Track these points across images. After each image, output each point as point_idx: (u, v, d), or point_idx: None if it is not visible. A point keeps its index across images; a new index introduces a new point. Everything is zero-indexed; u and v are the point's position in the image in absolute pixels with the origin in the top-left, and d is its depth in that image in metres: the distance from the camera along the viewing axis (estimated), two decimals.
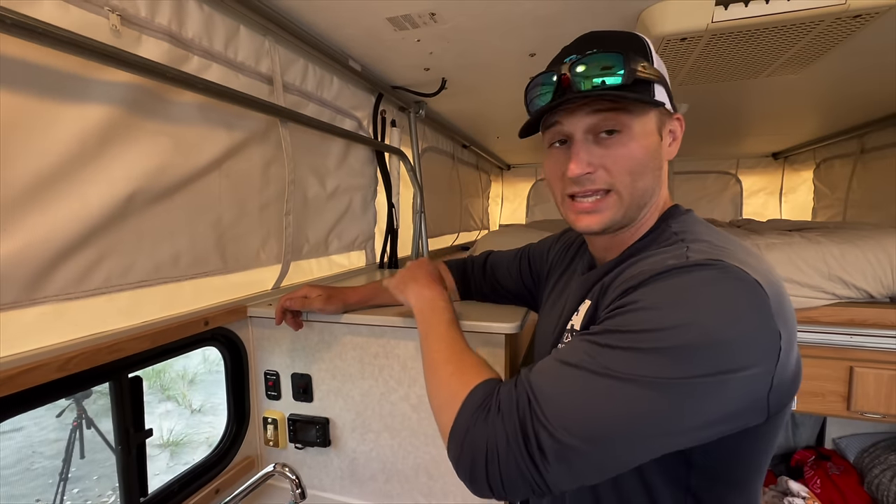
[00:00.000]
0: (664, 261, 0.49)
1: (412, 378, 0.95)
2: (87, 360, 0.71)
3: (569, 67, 0.54)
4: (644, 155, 0.55)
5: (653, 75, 0.54)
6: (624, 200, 0.56)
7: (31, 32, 0.60)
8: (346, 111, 1.50)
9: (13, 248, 0.64)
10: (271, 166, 1.16)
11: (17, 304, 0.66)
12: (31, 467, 3.72)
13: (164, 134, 0.87)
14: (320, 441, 1.03)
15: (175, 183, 0.89)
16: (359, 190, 1.63)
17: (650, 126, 0.55)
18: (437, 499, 0.97)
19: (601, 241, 0.64)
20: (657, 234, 0.59)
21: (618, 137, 0.54)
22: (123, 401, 0.81)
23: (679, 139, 0.59)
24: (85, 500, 3.47)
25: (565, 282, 0.75)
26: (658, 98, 0.55)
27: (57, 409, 3.68)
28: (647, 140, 0.55)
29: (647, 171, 0.56)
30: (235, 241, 1.06)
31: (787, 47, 1.20)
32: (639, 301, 0.47)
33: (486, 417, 0.48)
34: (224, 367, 1.05)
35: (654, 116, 0.56)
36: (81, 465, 3.53)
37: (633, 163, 0.55)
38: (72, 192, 0.72)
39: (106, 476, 3.65)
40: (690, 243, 0.51)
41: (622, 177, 0.55)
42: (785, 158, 3.60)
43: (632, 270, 0.52)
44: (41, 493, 3.46)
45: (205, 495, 0.94)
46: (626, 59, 0.52)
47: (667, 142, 0.58)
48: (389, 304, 1.00)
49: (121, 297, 0.81)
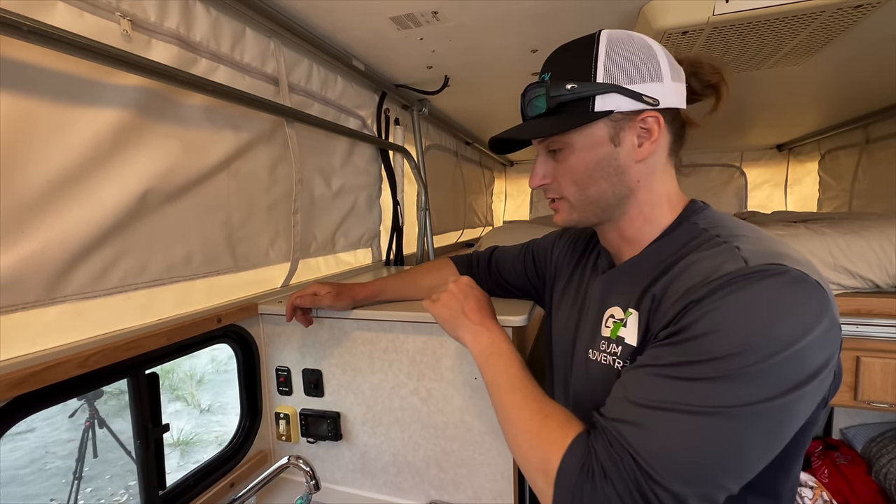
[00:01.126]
0: (720, 266, 0.48)
1: (421, 372, 0.97)
2: (107, 356, 0.73)
3: (522, 94, 0.62)
4: (587, 166, 0.59)
5: (594, 87, 0.56)
6: (575, 206, 0.62)
7: (47, 39, 0.61)
8: (350, 110, 1.52)
9: (33, 249, 0.66)
10: (278, 166, 1.18)
11: (38, 303, 0.68)
12: (44, 467, 3.78)
13: (174, 136, 0.88)
14: (332, 435, 1.04)
15: (185, 184, 0.91)
16: (364, 188, 1.64)
17: (595, 137, 0.58)
18: (448, 491, 0.98)
19: (607, 235, 0.65)
20: (684, 232, 0.58)
21: (560, 154, 0.60)
22: (141, 397, 0.83)
23: (656, 134, 0.57)
24: (98, 500, 3.52)
25: (580, 278, 0.74)
26: (604, 107, 0.56)
27: (69, 410, 3.74)
28: (590, 152, 0.58)
29: (594, 179, 0.59)
30: (245, 240, 1.08)
31: (789, 38, 1.20)
32: (710, 320, 0.45)
33: (594, 485, 0.46)
34: (236, 364, 1.07)
35: (603, 126, 0.57)
36: (94, 465, 3.58)
37: (576, 175, 0.60)
38: (87, 193, 0.74)
39: (118, 475, 3.70)
40: (737, 242, 0.51)
41: (568, 187, 0.61)
42: (789, 150, 3.58)
43: (685, 280, 0.50)
44: (55, 492, 3.51)
45: (220, 489, 0.96)
46: (547, 90, 0.58)
47: (630, 143, 0.58)
48: (397, 299, 1.02)
49: (137, 296, 0.83)
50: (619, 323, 0.59)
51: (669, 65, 0.58)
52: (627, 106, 0.56)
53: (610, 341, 0.60)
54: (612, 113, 0.56)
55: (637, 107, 0.56)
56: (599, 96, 0.56)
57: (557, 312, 0.78)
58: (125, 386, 3.05)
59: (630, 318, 0.57)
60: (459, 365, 0.94)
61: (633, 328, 0.57)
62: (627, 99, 0.56)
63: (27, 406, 0.65)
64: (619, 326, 0.59)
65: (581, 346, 0.66)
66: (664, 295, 0.52)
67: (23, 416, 0.65)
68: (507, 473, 0.93)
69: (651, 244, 0.60)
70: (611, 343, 0.59)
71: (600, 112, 0.56)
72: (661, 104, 0.56)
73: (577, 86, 0.56)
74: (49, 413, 4.32)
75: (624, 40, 0.57)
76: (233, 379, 5.54)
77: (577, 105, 0.57)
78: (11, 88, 0.63)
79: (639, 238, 0.62)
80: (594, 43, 0.57)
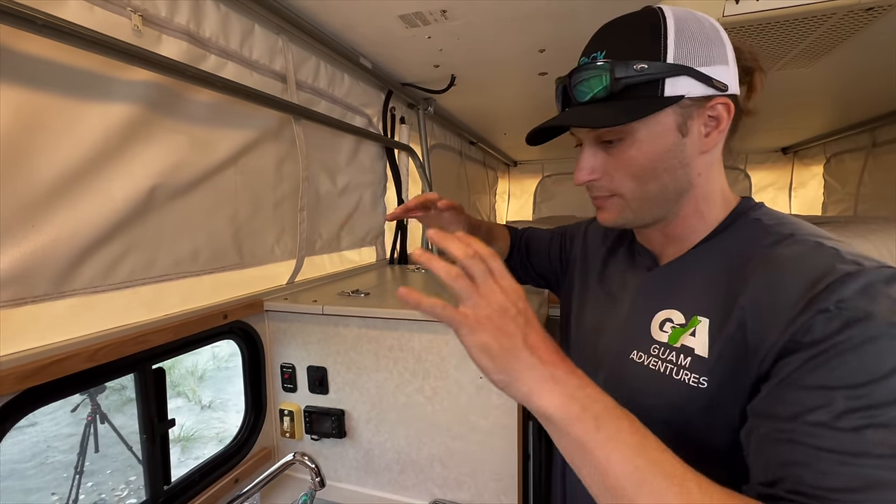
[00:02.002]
0: (832, 267, 0.42)
1: (426, 370, 0.97)
2: (115, 351, 0.74)
3: (569, 77, 0.54)
4: (650, 159, 0.52)
5: (663, 67, 0.50)
6: (630, 203, 0.55)
7: (60, 33, 0.62)
8: (356, 108, 1.52)
9: (43, 243, 0.67)
10: (285, 163, 1.18)
11: (48, 296, 0.68)
12: (46, 461, 3.79)
13: (182, 132, 0.89)
14: (336, 432, 1.04)
15: (192, 179, 0.91)
16: (369, 186, 1.64)
17: (662, 126, 0.51)
18: (451, 489, 0.98)
19: (650, 233, 0.60)
20: (745, 229, 0.54)
21: (618, 145, 0.53)
22: (148, 391, 0.83)
23: (724, 123, 0.52)
24: (99, 494, 3.54)
25: (613, 273, 0.69)
26: (674, 92, 0.50)
27: (71, 405, 3.75)
28: (655, 143, 0.52)
29: (657, 173, 0.53)
30: (251, 236, 1.08)
31: (798, 40, 1.20)
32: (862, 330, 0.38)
33: None
34: (241, 360, 1.08)
35: (671, 113, 0.51)
36: (95, 460, 3.59)
37: (636, 168, 0.53)
38: (97, 188, 0.74)
39: (118, 470, 3.72)
40: (822, 240, 0.47)
41: (625, 182, 0.54)
42: (794, 153, 3.57)
43: (786, 285, 0.44)
44: (56, 486, 3.53)
45: (224, 484, 0.96)
46: (610, 70, 0.50)
47: (697, 133, 0.53)
48: None
49: (144, 291, 0.83)
50: (680, 329, 0.53)
51: (729, 45, 0.52)
52: (699, 91, 0.50)
53: (669, 348, 0.53)
54: (683, 99, 0.50)
55: (708, 92, 0.51)
56: (670, 79, 0.50)
57: (583, 307, 0.73)
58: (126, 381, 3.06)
59: (698, 326, 0.51)
60: (465, 364, 0.94)
61: (703, 337, 0.50)
62: (699, 83, 0.50)
63: (36, 399, 0.66)
64: (682, 333, 0.52)
65: (617, 346, 0.61)
66: (758, 303, 0.46)
67: (31, 409, 0.65)
68: (512, 472, 0.93)
69: (704, 241, 0.56)
70: (670, 350, 0.53)
71: (670, 97, 0.50)
72: (729, 89, 0.52)
73: (646, 66, 0.50)
74: (51, 407, 4.34)
75: (689, 17, 0.52)
76: (234, 375, 5.56)
77: (643, 89, 0.50)
78: (23, 82, 0.63)
79: (686, 235, 0.57)
80: (659, 18, 0.51)
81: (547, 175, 4.28)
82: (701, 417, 0.49)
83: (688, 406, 0.50)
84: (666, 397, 0.52)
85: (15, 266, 0.63)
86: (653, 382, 0.53)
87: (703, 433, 0.49)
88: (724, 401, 0.47)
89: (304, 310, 1.04)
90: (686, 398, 0.50)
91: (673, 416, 0.51)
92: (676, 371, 0.51)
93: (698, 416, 0.49)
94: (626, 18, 0.54)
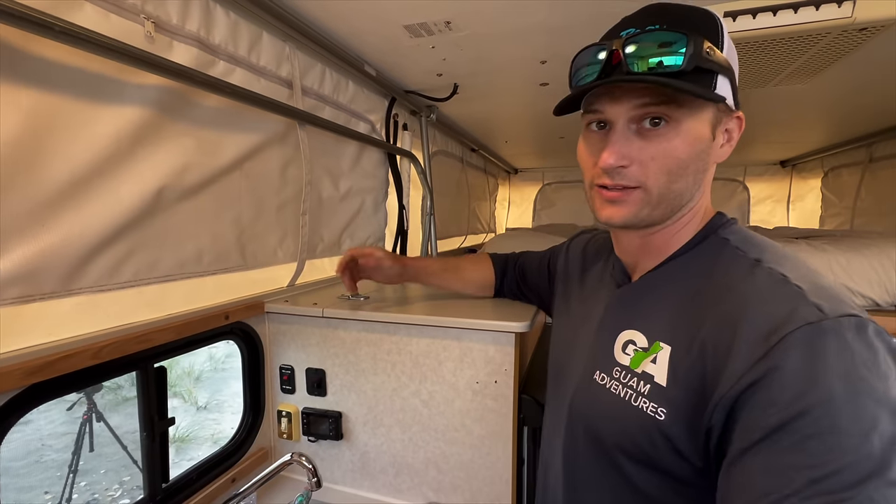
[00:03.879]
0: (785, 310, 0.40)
1: (423, 374, 0.98)
2: (118, 349, 0.75)
3: (622, 43, 0.47)
4: (688, 154, 0.48)
5: (719, 63, 0.47)
6: (652, 199, 0.50)
7: (76, 39, 0.64)
8: (360, 114, 1.54)
9: (52, 242, 0.68)
10: (289, 168, 1.20)
11: (55, 294, 0.70)
12: (40, 459, 3.78)
13: (190, 135, 0.90)
14: (333, 434, 1.06)
15: (198, 182, 0.93)
16: (370, 192, 1.66)
17: (703, 123, 0.48)
18: (446, 493, 0.99)
19: (630, 242, 0.58)
20: (712, 248, 0.52)
21: (662, 130, 0.48)
22: (149, 389, 0.84)
23: (734, 140, 0.52)
24: (93, 494, 3.52)
25: (588, 287, 0.69)
26: (720, 91, 0.48)
27: (67, 403, 3.74)
28: (695, 138, 0.48)
29: (687, 172, 0.49)
30: (254, 239, 1.09)
31: (794, 58, 1.22)
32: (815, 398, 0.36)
33: None
34: (241, 361, 1.09)
35: (711, 112, 0.49)
36: (89, 459, 3.57)
37: (673, 162, 0.48)
38: (106, 189, 0.75)
39: (113, 470, 3.70)
40: (784, 270, 0.44)
41: (658, 175, 0.49)
42: (793, 166, 3.60)
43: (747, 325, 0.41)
44: (49, 485, 3.51)
45: (221, 484, 0.97)
46: (690, 39, 0.45)
47: (719, 142, 0.51)
48: (439, 285, 1.06)
49: (148, 291, 0.85)
50: (642, 353, 0.51)
51: None
52: (730, 100, 0.49)
53: (630, 372, 0.51)
54: (724, 101, 0.48)
55: (733, 103, 0.50)
56: (721, 77, 0.47)
57: (560, 320, 0.74)
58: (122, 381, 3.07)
59: (660, 353, 0.49)
60: (461, 369, 0.95)
61: (663, 365, 0.48)
62: (732, 92, 0.49)
63: (41, 395, 0.67)
64: (643, 357, 0.50)
65: (583, 364, 0.60)
66: (715, 342, 0.43)
67: (37, 405, 0.66)
68: (506, 477, 0.94)
69: (673, 257, 0.54)
70: (631, 375, 0.51)
71: (718, 95, 0.47)
72: (739, 108, 0.51)
73: (715, 51, 0.46)
74: (46, 406, 4.32)
75: None
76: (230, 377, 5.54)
77: (703, 77, 0.47)
78: (39, 85, 0.65)
79: (663, 248, 0.55)
80: (714, 15, 0.49)
81: (547, 183, 4.31)
82: (657, 448, 0.47)
83: (644, 435, 0.48)
84: (622, 424, 0.50)
85: (24, 264, 0.65)
86: (612, 407, 0.52)
87: (661, 462, 0.47)
88: (680, 433, 0.45)
89: (305, 312, 1.06)
90: (642, 427, 0.48)
91: (628, 443, 0.50)
92: (635, 398, 0.49)
93: (654, 447, 0.47)
94: (678, 6, 0.49)
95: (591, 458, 0.55)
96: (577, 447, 0.57)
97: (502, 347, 0.92)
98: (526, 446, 0.97)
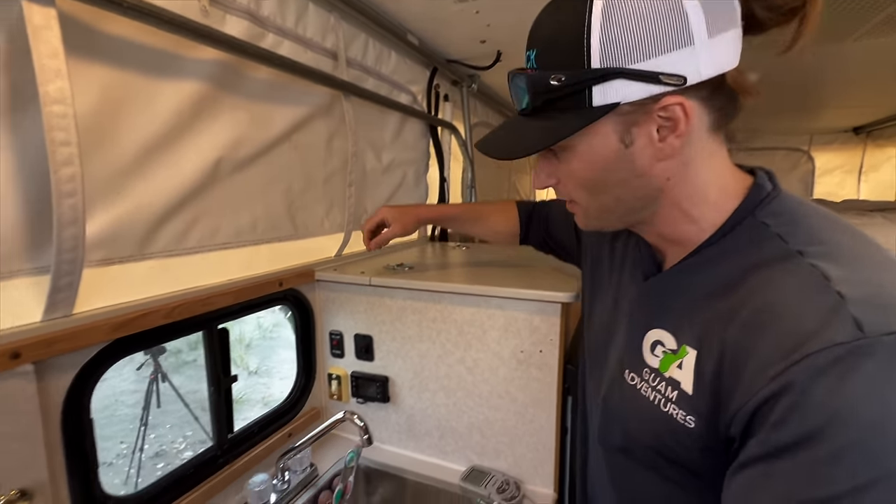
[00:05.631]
0: (816, 322, 0.35)
1: (468, 342, 1.00)
2: (187, 309, 0.81)
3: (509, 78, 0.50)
4: (593, 172, 0.47)
5: (581, 81, 0.42)
6: (590, 212, 0.52)
7: (142, 14, 0.66)
8: (402, 86, 1.53)
9: (127, 209, 0.73)
10: (334, 140, 1.22)
11: (132, 258, 0.75)
12: (115, 413, 4.20)
13: (242, 108, 0.93)
14: (380, 397, 1.10)
15: (251, 154, 0.96)
16: (412, 163, 1.67)
17: (601, 137, 0.44)
18: (489, 457, 1.02)
19: (646, 231, 0.54)
20: (747, 235, 0.45)
21: (563, 156, 0.48)
22: (214, 348, 0.91)
23: (683, 125, 0.42)
24: (160, 445, 3.90)
25: (618, 265, 0.63)
26: (604, 100, 0.42)
27: (136, 364, 4.11)
28: (595, 155, 0.46)
29: (608, 186, 0.47)
30: (303, 209, 1.13)
31: (883, 6, 1.10)
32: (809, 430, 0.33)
33: None
34: (293, 326, 1.15)
35: (608, 123, 0.44)
36: (157, 415, 3.92)
37: (581, 181, 0.49)
38: (170, 160, 0.80)
39: (177, 426, 4.06)
40: (826, 266, 0.38)
41: (578, 192, 0.50)
42: (868, 133, 3.28)
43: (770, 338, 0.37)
44: (124, 436, 3.90)
45: (279, 438, 1.04)
46: (529, 84, 0.45)
47: (647, 140, 0.44)
48: (461, 231, 1.09)
49: (210, 257, 0.90)
50: (671, 356, 0.48)
51: (705, 11, 0.40)
52: (637, 94, 0.41)
53: (659, 376, 0.48)
54: (619, 105, 0.42)
55: (652, 91, 0.41)
56: (598, 86, 0.42)
57: (593, 305, 0.69)
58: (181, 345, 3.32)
59: (686, 358, 0.46)
60: (506, 338, 0.96)
61: (689, 371, 0.45)
62: (637, 84, 0.41)
63: (124, 349, 0.74)
64: (672, 361, 0.47)
65: (615, 359, 0.57)
66: (737, 347, 0.40)
67: (121, 357, 0.73)
68: (549, 445, 0.96)
69: (704, 247, 0.48)
70: (660, 379, 0.48)
71: (601, 107, 0.42)
72: (689, 80, 0.41)
73: (564, 77, 0.42)
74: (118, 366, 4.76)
75: None
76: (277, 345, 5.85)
77: (569, 101, 0.43)
78: (110, 61, 0.69)
79: (683, 239, 0.49)
80: (585, 5, 0.41)
81: None
82: (690, 451, 0.45)
83: (676, 441, 0.46)
84: (653, 428, 0.49)
85: (105, 229, 0.70)
86: (643, 410, 0.50)
87: (694, 464, 0.46)
88: (710, 440, 0.43)
89: (353, 280, 1.10)
90: (673, 433, 0.46)
91: (661, 446, 0.48)
92: (664, 403, 0.47)
93: (687, 451, 0.45)
94: (546, 19, 0.46)
95: (628, 454, 0.54)
96: (613, 440, 0.57)
97: (548, 318, 0.92)
98: (570, 416, 0.97)
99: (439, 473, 1.04)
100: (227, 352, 0.93)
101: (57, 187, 0.59)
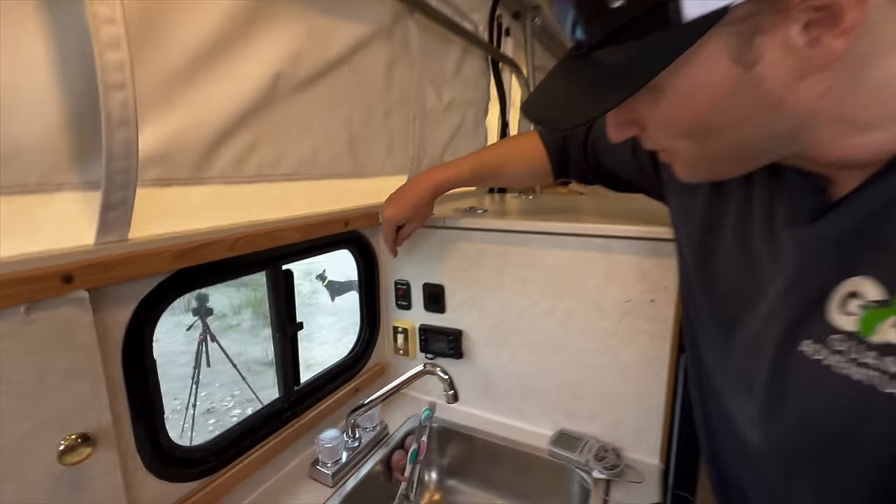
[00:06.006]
0: None
1: (559, 291, 0.86)
2: (251, 243, 0.71)
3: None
4: (695, 114, 0.34)
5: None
6: (699, 163, 0.40)
7: None
8: (463, 12, 1.37)
9: (181, 125, 0.63)
10: (394, 69, 1.08)
11: (189, 180, 0.65)
12: (167, 371, 4.39)
13: (300, 19, 0.81)
14: (452, 353, 1.00)
15: (311, 74, 0.84)
16: (472, 105, 1.51)
17: (701, 64, 0.32)
18: (581, 420, 0.90)
19: (801, 162, 0.39)
20: None
21: (648, 96, 0.35)
22: (279, 291, 0.81)
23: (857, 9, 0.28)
24: (210, 403, 4.06)
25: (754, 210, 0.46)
26: (704, 10, 0.29)
27: (184, 326, 4.25)
28: (697, 92, 0.33)
29: (720, 128, 0.35)
30: (365, 145, 1.01)
31: None
32: None
33: None
34: (356, 273, 1.04)
35: (716, 40, 0.30)
36: (206, 374, 4.08)
37: (679, 128, 0.36)
38: (226, 70, 0.68)
39: (225, 385, 4.22)
40: None
41: (674, 141, 0.38)
42: None
43: None
44: (177, 393, 4.08)
45: (345, 392, 0.96)
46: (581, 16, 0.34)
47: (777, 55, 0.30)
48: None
49: (272, 188, 0.80)
50: (877, 310, 0.33)
51: None
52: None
53: (860, 342, 0.34)
54: (728, 9, 0.29)
55: None
56: None
57: (704, 258, 0.52)
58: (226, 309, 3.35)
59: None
60: (607, 284, 0.82)
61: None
62: None
63: (186, 283, 0.65)
64: (881, 317, 0.33)
65: (777, 332, 0.41)
66: None
67: (183, 292, 0.64)
68: (658, 409, 0.82)
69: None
70: (864, 346, 0.34)
71: (698, 19, 0.29)
72: None
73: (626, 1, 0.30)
74: (169, 327, 4.97)
75: None
76: (316, 312, 5.96)
77: (646, 20, 0.31)
78: None
79: (861, 156, 0.35)
80: None
81: None
82: None
83: None
84: (872, 422, 0.34)
85: (158, 144, 0.60)
86: (843, 395, 0.35)
87: None
88: None
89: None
90: None
91: (883, 449, 0.34)
92: (881, 381, 0.33)
93: None
94: None
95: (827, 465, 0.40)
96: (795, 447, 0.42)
97: (661, 260, 0.77)
98: (682, 378, 0.84)
99: (519, 436, 0.93)
100: (291, 295, 0.84)
101: (103, 77, 0.48)
